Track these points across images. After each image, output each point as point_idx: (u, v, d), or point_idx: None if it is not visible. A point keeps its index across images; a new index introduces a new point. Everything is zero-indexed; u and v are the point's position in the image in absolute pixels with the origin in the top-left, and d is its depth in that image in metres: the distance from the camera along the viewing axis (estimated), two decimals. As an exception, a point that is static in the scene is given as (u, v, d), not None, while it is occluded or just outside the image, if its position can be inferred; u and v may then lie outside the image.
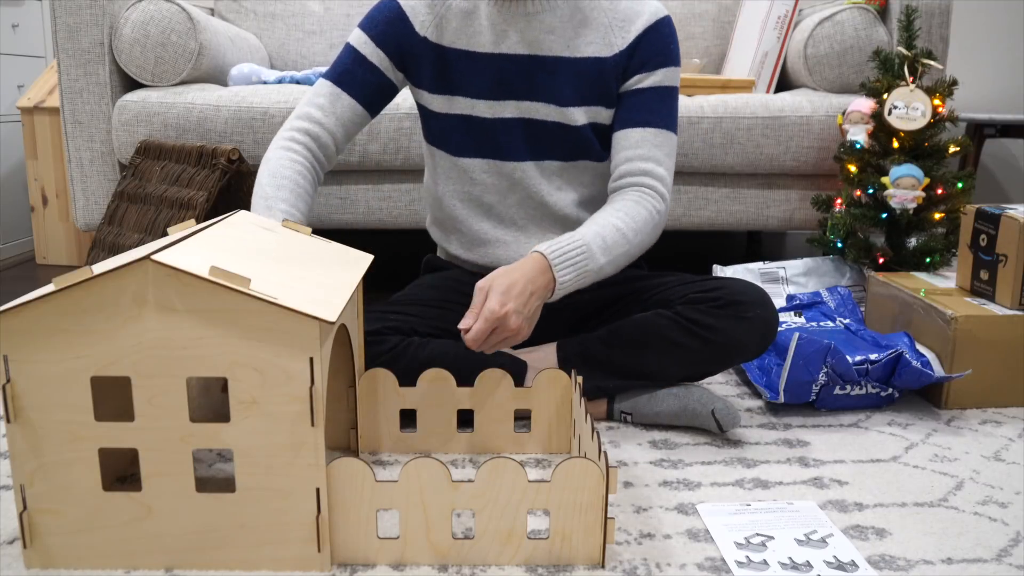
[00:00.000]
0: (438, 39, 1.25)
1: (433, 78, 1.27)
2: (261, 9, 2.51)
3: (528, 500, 0.85)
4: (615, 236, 1.16)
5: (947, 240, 1.81)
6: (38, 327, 0.80)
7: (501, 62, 1.24)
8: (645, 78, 1.23)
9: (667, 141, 1.24)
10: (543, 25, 1.23)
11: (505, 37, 1.23)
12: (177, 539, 0.85)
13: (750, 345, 1.22)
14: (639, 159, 1.22)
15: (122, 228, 1.85)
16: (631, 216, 1.18)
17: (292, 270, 0.91)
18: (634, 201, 1.20)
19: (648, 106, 1.23)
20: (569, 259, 1.12)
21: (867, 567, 0.88)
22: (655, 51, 1.23)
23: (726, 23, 2.53)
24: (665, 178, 1.23)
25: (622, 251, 1.17)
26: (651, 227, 1.21)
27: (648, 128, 1.23)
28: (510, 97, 1.26)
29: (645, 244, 1.21)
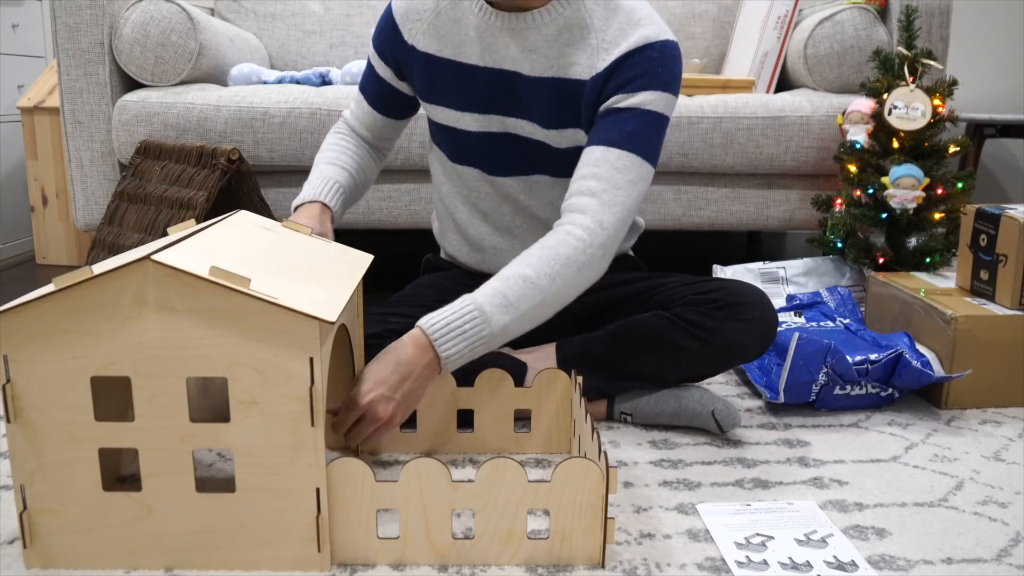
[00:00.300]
0: (426, 47, 1.22)
1: (423, 86, 1.25)
2: (261, 9, 2.51)
3: (528, 500, 0.85)
4: (521, 288, 1.03)
5: (947, 240, 1.81)
6: (38, 327, 0.80)
7: (487, 76, 1.19)
8: (623, 99, 1.11)
9: (632, 167, 1.10)
10: (527, 43, 1.15)
11: (492, 51, 1.18)
12: (177, 539, 0.85)
13: (750, 347, 1.21)
14: (589, 178, 1.09)
15: (122, 228, 1.84)
16: (545, 260, 1.04)
17: (292, 270, 0.91)
18: (555, 239, 1.07)
19: (620, 127, 1.10)
20: (455, 330, 1.00)
21: (867, 567, 0.88)
22: (637, 72, 1.11)
23: (726, 23, 2.53)
24: (612, 204, 1.08)
25: (533, 303, 1.03)
26: (576, 267, 1.06)
27: (613, 148, 1.09)
28: (496, 112, 1.21)
29: (576, 284, 1.07)
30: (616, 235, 1.09)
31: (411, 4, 1.22)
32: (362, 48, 2.52)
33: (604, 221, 1.07)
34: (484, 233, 1.32)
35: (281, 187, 2.00)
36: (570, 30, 1.15)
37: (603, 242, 1.08)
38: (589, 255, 1.07)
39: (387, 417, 0.99)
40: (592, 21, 1.14)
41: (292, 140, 1.92)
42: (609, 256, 1.10)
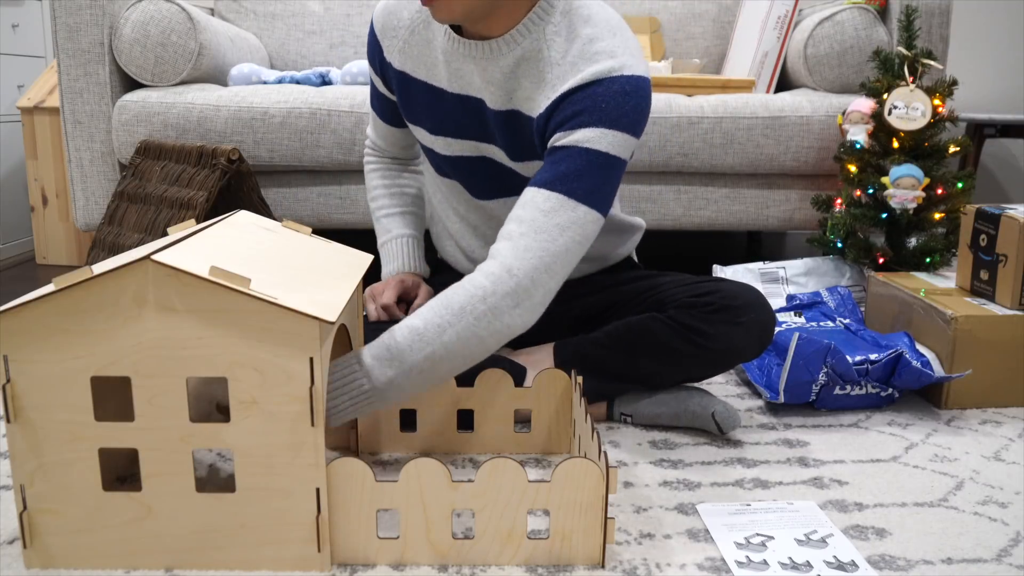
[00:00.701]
0: (402, 66, 1.19)
1: (401, 104, 1.23)
2: (261, 9, 2.51)
3: (528, 500, 0.85)
4: (407, 340, 0.95)
5: (947, 240, 1.81)
6: (38, 327, 0.80)
7: (456, 101, 1.14)
8: (562, 137, 1.01)
9: (561, 210, 0.99)
10: (487, 73, 1.09)
11: (459, 76, 1.12)
12: (177, 539, 0.85)
13: (746, 350, 1.20)
14: (512, 220, 1.00)
15: (122, 228, 1.85)
16: (436, 309, 0.96)
17: (292, 270, 0.91)
18: (455, 287, 0.98)
19: (554, 167, 1.00)
20: (335, 383, 0.96)
21: (867, 567, 0.88)
22: (577, 109, 1.01)
23: (726, 23, 2.53)
24: (529, 250, 0.97)
25: (422, 356, 0.95)
26: (474, 316, 0.95)
27: (542, 190, 1.00)
28: (468, 137, 1.17)
29: (477, 336, 0.96)
30: (535, 283, 0.97)
31: (388, 19, 1.19)
32: (362, 48, 2.52)
33: (514, 268, 0.97)
34: (475, 246, 1.32)
35: (281, 187, 2.00)
36: (528, 61, 1.07)
37: (510, 291, 0.96)
38: (491, 304, 0.96)
39: None
40: (550, 53, 1.06)
41: (292, 140, 1.92)
42: (530, 307, 0.98)
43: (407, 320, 0.97)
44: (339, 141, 1.92)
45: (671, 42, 2.55)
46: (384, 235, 1.36)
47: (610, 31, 1.05)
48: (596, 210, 1.01)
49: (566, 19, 1.06)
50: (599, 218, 1.02)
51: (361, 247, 1.19)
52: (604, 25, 1.05)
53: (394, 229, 1.35)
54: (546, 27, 1.06)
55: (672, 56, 2.53)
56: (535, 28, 1.06)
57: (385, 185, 1.38)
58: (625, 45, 1.04)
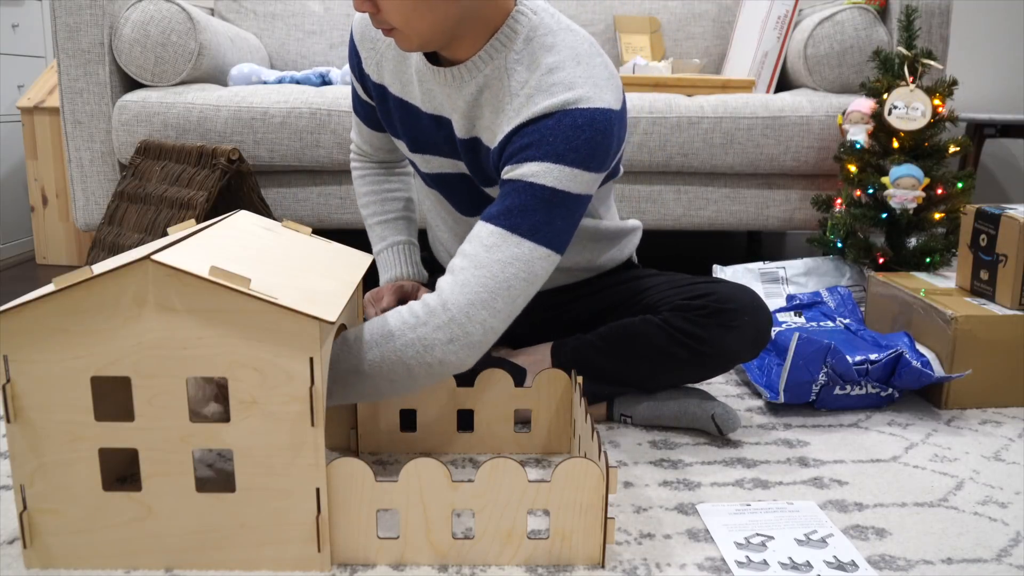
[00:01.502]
0: (379, 79, 1.17)
1: (381, 117, 1.23)
2: (261, 9, 2.51)
3: (528, 500, 0.85)
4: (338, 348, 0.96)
5: (947, 240, 1.81)
6: (38, 327, 0.80)
7: (430, 120, 1.13)
8: (509, 170, 0.98)
9: (503, 245, 0.95)
10: (450, 100, 1.07)
11: (430, 97, 1.11)
12: (177, 539, 0.85)
13: (741, 353, 1.19)
14: (458, 254, 0.98)
15: (122, 228, 1.85)
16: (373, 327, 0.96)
17: (292, 270, 0.91)
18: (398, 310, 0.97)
19: (501, 201, 0.98)
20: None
21: (867, 567, 0.88)
22: (526, 143, 0.97)
23: (726, 23, 2.53)
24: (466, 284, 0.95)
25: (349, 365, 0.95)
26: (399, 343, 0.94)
27: (487, 224, 0.97)
28: (444, 155, 1.15)
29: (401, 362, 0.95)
30: (470, 319, 0.94)
31: (366, 31, 1.17)
32: (362, 48, 2.52)
33: (449, 302, 0.94)
34: None
35: (281, 187, 2.00)
36: (489, 90, 1.04)
37: (443, 324, 0.94)
38: (420, 335, 0.94)
39: None
40: (510, 82, 1.02)
41: (292, 140, 1.92)
42: (466, 343, 0.95)
43: (351, 329, 0.97)
44: (339, 141, 1.92)
45: (671, 42, 2.55)
46: (379, 243, 1.35)
47: (574, 60, 1.00)
48: (544, 246, 0.97)
49: (528, 47, 1.02)
50: (549, 254, 0.98)
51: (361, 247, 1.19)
52: (568, 53, 1.00)
53: (388, 236, 1.35)
54: (508, 54, 1.02)
55: (672, 56, 2.53)
56: (497, 55, 1.02)
57: (374, 191, 1.37)
58: (588, 75, 0.99)
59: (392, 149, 1.36)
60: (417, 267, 1.35)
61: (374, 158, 1.38)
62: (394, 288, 1.30)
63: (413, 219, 1.39)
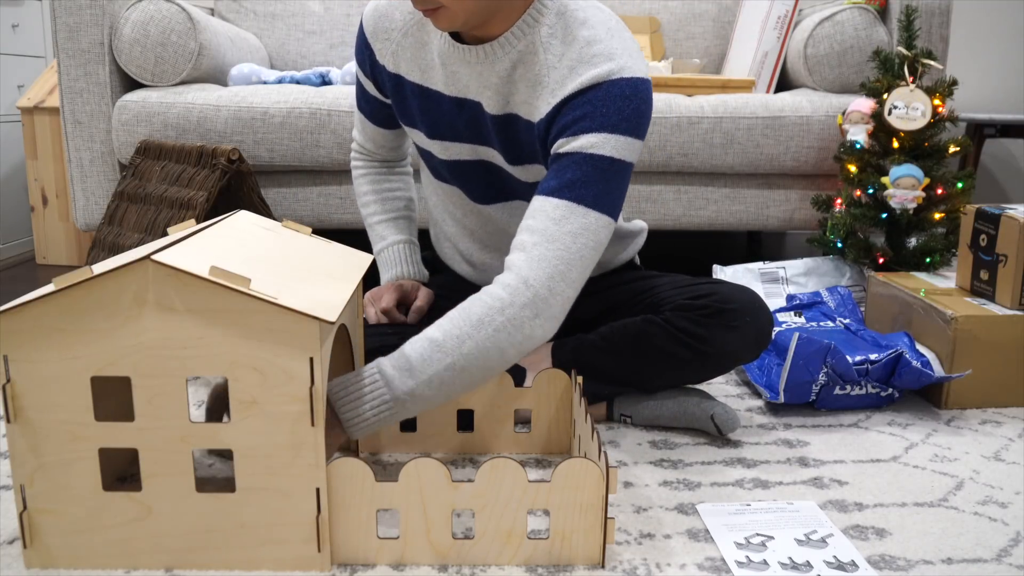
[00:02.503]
0: (395, 68, 1.17)
1: (396, 108, 1.22)
2: (261, 9, 2.51)
3: (528, 500, 0.85)
4: (426, 351, 0.94)
5: (947, 240, 1.81)
6: (38, 327, 0.80)
7: (453, 104, 1.13)
8: (564, 143, 1.00)
9: (572, 217, 0.98)
10: (482, 78, 1.08)
11: (455, 79, 1.11)
12: (177, 539, 0.85)
13: (742, 353, 1.20)
14: (524, 231, 0.99)
15: (122, 228, 1.85)
16: (455, 321, 0.95)
17: (292, 270, 0.91)
18: (472, 299, 0.97)
19: (560, 174, 1.00)
20: (353, 393, 0.93)
21: (867, 567, 0.88)
22: (578, 115, 1.00)
23: (726, 23, 2.53)
24: (543, 259, 0.96)
25: (442, 366, 0.93)
26: (493, 328, 0.94)
27: (550, 198, 0.99)
28: (465, 140, 1.15)
29: (497, 347, 0.95)
30: (552, 292, 0.96)
31: (379, 22, 1.17)
32: (362, 48, 2.52)
33: (530, 278, 0.96)
34: (473, 249, 1.31)
35: (281, 187, 2.00)
36: (524, 64, 1.05)
37: (529, 301, 0.95)
38: (509, 316, 0.95)
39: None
40: (546, 56, 1.04)
41: (292, 140, 1.92)
42: (549, 316, 0.97)
43: (426, 331, 0.96)
44: (339, 141, 1.92)
45: (671, 42, 2.55)
46: (379, 242, 1.36)
47: (608, 32, 1.03)
48: (606, 215, 1.00)
49: (561, 20, 1.04)
50: (610, 223, 1.01)
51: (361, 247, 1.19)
52: (601, 27, 1.03)
53: (389, 236, 1.35)
54: (540, 29, 1.04)
55: (672, 56, 2.53)
56: (529, 31, 1.04)
57: (375, 191, 1.37)
58: (623, 46, 1.02)
59: (395, 147, 1.36)
60: (418, 266, 1.35)
61: (376, 156, 1.38)
62: (394, 287, 1.30)
63: (413, 219, 1.39)
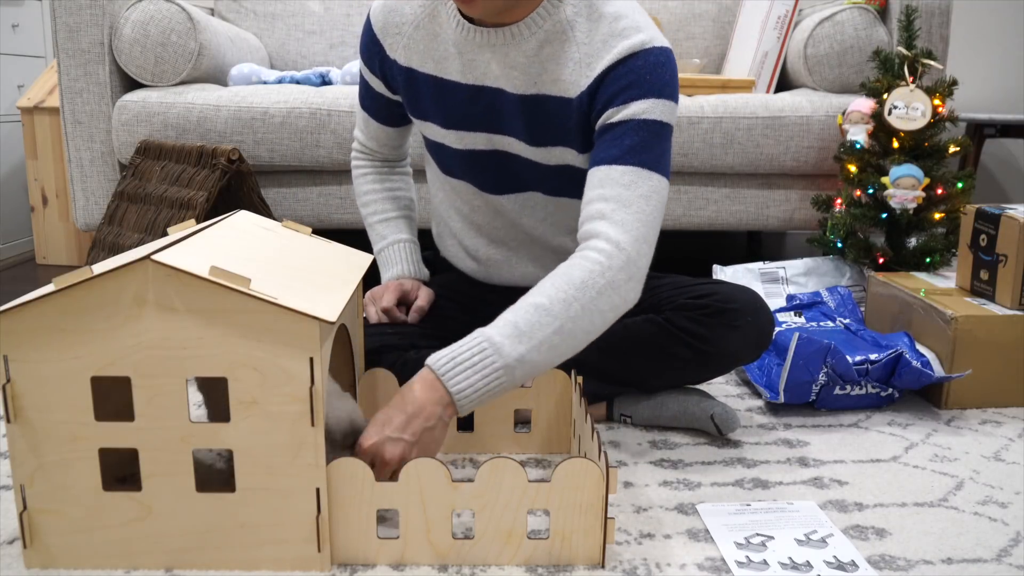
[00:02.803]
0: (407, 62, 1.18)
1: (408, 101, 1.23)
2: (261, 9, 2.52)
3: (528, 500, 0.85)
4: (534, 316, 0.95)
5: (947, 240, 1.81)
6: (38, 327, 0.80)
7: (469, 93, 1.14)
8: (616, 112, 1.04)
9: (640, 181, 1.02)
10: (508, 59, 1.09)
11: (473, 67, 1.12)
12: (177, 539, 0.85)
13: (743, 353, 1.20)
14: (596, 201, 1.03)
15: (122, 228, 1.85)
16: (558, 285, 0.97)
17: (292, 270, 0.91)
18: (569, 265, 1.00)
19: (619, 142, 1.03)
20: (462, 363, 0.93)
21: (867, 567, 0.88)
22: (624, 84, 1.04)
23: (726, 23, 2.53)
24: (627, 223, 1.01)
25: (550, 331, 0.95)
26: (595, 291, 0.97)
27: (615, 166, 1.03)
28: (481, 129, 1.16)
29: (600, 309, 0.98)
30: (640, 254, 1.01)
31: (389, 17, 1.18)
32: (362, 48, 2.52)
33: (621, 242, 1.00)
34: (479, 244, 1.31)
35: (281, 187, 2.00)
36: (551, 43, 1.08)
37: (623, 264, 0.99)
38: (609, 279, 0.98)
39: (396, 459, 0.91)
40: (574, 33, 1.08)
41: (292, 140, 1.92)
42: (639, 279, 1.01)
43: (527, 299, 0.97)
44: (339, 141, 1.92)
45: (671, 42, 2.54)
46: (380, 241, 1.36)
47: (629, 7, 1.09)
48: (665, 177, 1.05)
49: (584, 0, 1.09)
50: (667, 184, 1.06)
51: (361, 247, 1.19)
52: (622, 3, 1.09)
53: (389, 235, 1.35)
54: (565, 8, 1.08)
55: (672, 56, 2.52)
56: (554, 11, 1.08)
57: (376, 190, 1.37)
58: (645, 20, 1.08)
59: (397, 146, 1.37)
60: (418, 265, 1.36)
61: (377, 156, 1.38)
62: (395, 286, 1.30)
63: (414, 219, 1.39)
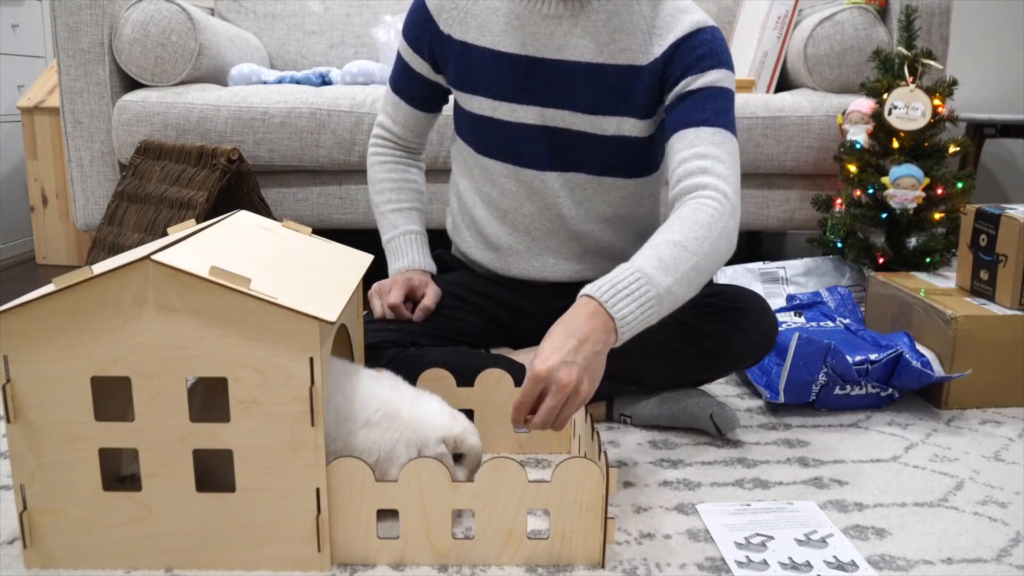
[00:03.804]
0: (462, 36, 1.21)
1: (458, 76, 1.24)
2: (261, 9, 2.51)
3: (528, 500, 0.85)
4: (674, 252, 1.01)
5: (947, 240, 1.81)
6: (38, 327, 0.80)
7: (526, 65, 1.19)
8: (694, 80, 1.14)
9: (727, 141, 1.12)
10: (576, 29, 1.17)
11: (533, 39, 1.18)
12: (177, 539, 0.85)
13: (746, 353, 1.20)
14: (695, 158, 1.10)
15: (122, 228, 1.85)
16: (688, 225, 1.04)
17: (292, 270, 0.91)
18: (692, 208, 1.06)
19: (701, 106, 1.13)
20: (621, 291, 0.96)
21: (867, 567, 0.88)
22: (700, 54, 1.14)
23: (726, 23, 2.53)
24: (727, 176, 1.10)
25: (689, 265, 1.01)
26: (717, 232, 1.05)
27: (704, 128, 1.12)
28: (533, 102, 1.20)
29: (720, 251, 1.06)
30: (738, 205, 1.10)
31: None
32: (362, 48, 2.52)
33: (727, 192, 1.08)
34: (501, 233, 1.30)
35: (281, 187, 2.00)
36: (619, 15, 1.17)
37: (732, 211, 1.08)
38: (725, 223, 1.06)
39: (572, 383, 0.90)
40: (640, 8, 1.17)
41: (292, 140, 1.92)
42: (736, 221, 1.09)
43: (663, 237, 1.03)
44: (339, 141, 1.92)
45: (671, 42, 2.54)
46: (391, 231, 1.35)
47: None
48: (737, 139, 1.15)
49: None
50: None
51: (361, 247, 1.19)
52: None
53: (401, 225, 1.35)
54: None
55: (672, 56, 2.52)
56: None
57: (393, 179, 1.37)
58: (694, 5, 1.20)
59: (421, 133, 1.38)
60: (428, 259, 1.35)
61: (400, 143, 1.38)
62: (403, 281, 1.29)
63: (424, 212, 1.40)
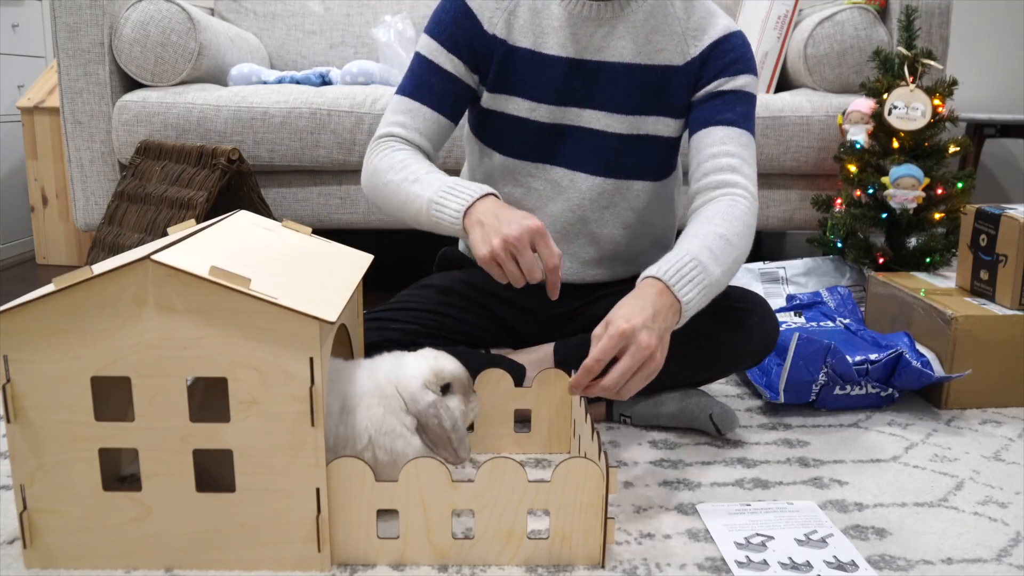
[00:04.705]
0: (507, 36, 1.21)
1: (497, 76, 1.22)
2: (261, 9, 2.52)
3: (528, 500, 0.85)
4: (721, 244, 1.07)
5: (947, 240, 1.81)
6: (38, 327, 0.80)
7: (567, 67, 1.20)
8: (726, 82, 1.20)
9: (751, 144, 1.20)
10: (616, 31, 1.20)
11: (576, 40, 1.20)
12: (177, 539, 0.85)
13: (747, 354, 1.21)
14: (725, 155, 1.17)
15: (122, 228, 1.85)
16: (729, 220, 1.10)
17: (292, 270, 0.91)
18: (728, 204, 1.13)
19: (731, 107, 1.20)
20: (684, 277, 1.01)
21: (867, 567, 0.88)
22: (732, 58, 1.20)
23: (726, 23, 2.53)
24: (751, 178, 1.17)
25: (731, 258, 1.08)
26: (749, 229, 1.13)
27: (733, 128, 1.19)
28: (571, 104, 1.22)
29: (749, 248, 1.13)
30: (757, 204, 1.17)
31: None
32: (362, 48, 2.51)
33: (752, 191, 1.16)
34: None
35: (281, 187, 2.00)
36: (655, 17, 1.21)
37: (756, 209, 1.16)
38: (753, 222, 1.14)
39: (652, 346, 0.92)
40: (674, 10, 1.22)
41: (292, 140, 1.92)
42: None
43: (707, 229, 1.08)
44: (339, 141, 1.92)
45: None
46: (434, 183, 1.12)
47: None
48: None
49: None
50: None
51: (361, 247, 1.19)
52: None
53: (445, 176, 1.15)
54: None
55: (672, 56, 2.52)
56: None
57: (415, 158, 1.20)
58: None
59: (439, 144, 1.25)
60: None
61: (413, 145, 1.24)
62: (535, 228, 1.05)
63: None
